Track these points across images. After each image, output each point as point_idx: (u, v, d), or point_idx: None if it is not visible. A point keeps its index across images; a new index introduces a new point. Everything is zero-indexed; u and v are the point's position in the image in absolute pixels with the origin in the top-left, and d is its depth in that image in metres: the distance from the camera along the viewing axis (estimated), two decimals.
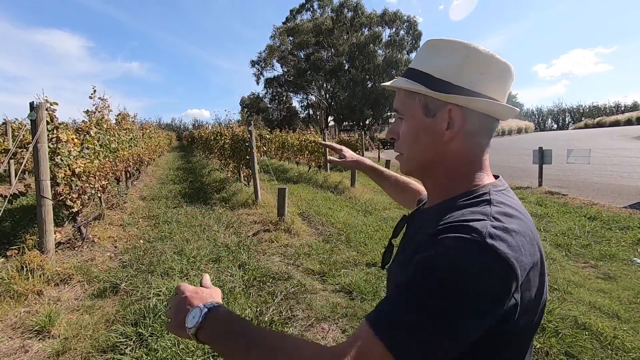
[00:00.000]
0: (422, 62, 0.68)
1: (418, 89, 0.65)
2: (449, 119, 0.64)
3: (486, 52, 0.64)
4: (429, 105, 0.66)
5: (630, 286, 3.23)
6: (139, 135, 8.90)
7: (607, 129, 35.91)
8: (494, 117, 0.66)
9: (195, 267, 3.63)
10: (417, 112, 0.67)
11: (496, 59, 0.64)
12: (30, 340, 2.36)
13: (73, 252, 3.79)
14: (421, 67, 0.68)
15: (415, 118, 0.68)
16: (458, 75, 0.64)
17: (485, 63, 0.64)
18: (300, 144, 12.20)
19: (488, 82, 0.64)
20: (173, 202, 6.96)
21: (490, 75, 0.64)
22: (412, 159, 0.71)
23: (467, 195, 0.64)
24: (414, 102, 0.68)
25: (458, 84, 0.63)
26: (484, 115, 0.65)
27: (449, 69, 0.64)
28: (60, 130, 3.73)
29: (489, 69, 0.64)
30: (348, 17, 37.10)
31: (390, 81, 0.72)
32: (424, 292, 0.51)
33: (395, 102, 0.72)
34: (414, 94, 0.68)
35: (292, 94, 44.10)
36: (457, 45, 0.64)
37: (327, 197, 7.70)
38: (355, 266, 3.74)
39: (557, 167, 8.60)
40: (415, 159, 0.70)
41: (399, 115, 0.71)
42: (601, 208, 5.95)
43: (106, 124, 5.51)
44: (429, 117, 0.66)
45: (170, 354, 2.20)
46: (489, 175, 0.68)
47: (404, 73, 0.71)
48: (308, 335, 2.45)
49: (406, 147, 0.71)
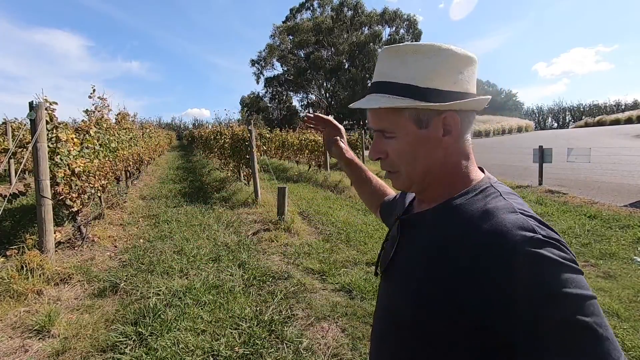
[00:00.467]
0: (394, 74, 0.64)
1: (409, 104, 0.62)
2: (444, 126, 0.63)
3: (458, 50, 0.63)
4: (421, 117, 0.63)
5: (630, 285, 3.23)
6: (139, 134, 8.90)
7: (607, 128, 35.87)
8: (474, 112, 0.68)
9: (195, 266, 3.63)
10: (410, 127, 0.64)
11: (466, 55, 0.64)
12: (30, 339, 2.36)
13: (73, 251, 3.79)
14: (396, 79, 0.64)
15: (410, 134, 0.64)
16: (442, 80, 0.62)
17: (460, 61, 0.63)
18: (300, 144, 12.20)
19: (466, 79, 0.64)
20: (173, 201, 6.96)
21: (467, 72, 0.64)
22: (413, 174, 0.67)
23: (473, 190, 0.64)
24: (403, 117, 0.64)
25: (446, 89, 0.62)
26: (470, 112, 0.66)
27: (431, 75, 0.62)
28: (59, 129, 3.72)
29: (465, 67, 0.64)
30: (348, 16, 37.07)
31: (361, 101, 0.67)
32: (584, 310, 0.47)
33: (377, 121, 0.67)
34: (401, 109, 0.64)
35: (292, 93, 44.11)
36: (428, 50, 0.62)
37: (327, 196, 7.70)
38: (355, 265, 3.74)
39: (558, 166, 8.59)
40: (417, 174, 0.67)
41: (387, 134, 0.66)
42: (601, 207, 5.94)
43: (106, 124, 5.51)
44: (423, 128, 0.64)
45: (170, 353, 2.21)
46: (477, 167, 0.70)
47: (374, 88, 0.67)
48: (308, 334, 2.45)
49: (404, 164, 0.67)
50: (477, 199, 0.62)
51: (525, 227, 0.53)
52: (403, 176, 0.69)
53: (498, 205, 0.59)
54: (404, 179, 0.69)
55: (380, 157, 0.69)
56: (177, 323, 2.52)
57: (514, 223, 0.54)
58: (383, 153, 0.68)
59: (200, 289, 3.06)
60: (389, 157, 0.68)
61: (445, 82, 0.62)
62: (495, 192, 0.62)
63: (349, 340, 2.39)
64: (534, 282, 0.49)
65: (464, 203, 0.63)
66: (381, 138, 0.68)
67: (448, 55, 0.62)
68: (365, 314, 2.70)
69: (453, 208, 0.63)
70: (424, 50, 0.62)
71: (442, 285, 0.57)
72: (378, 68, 0.68)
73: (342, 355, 2.25)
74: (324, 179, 9.55)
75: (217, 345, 2.29)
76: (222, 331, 2.46)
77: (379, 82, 0.66)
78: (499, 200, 0.60)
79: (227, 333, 2.44)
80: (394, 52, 0.65)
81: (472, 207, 0.61)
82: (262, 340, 2.37)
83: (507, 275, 0.50)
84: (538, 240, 0.51)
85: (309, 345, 2.33)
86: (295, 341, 2.36)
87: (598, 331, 0.46)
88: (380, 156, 0.69)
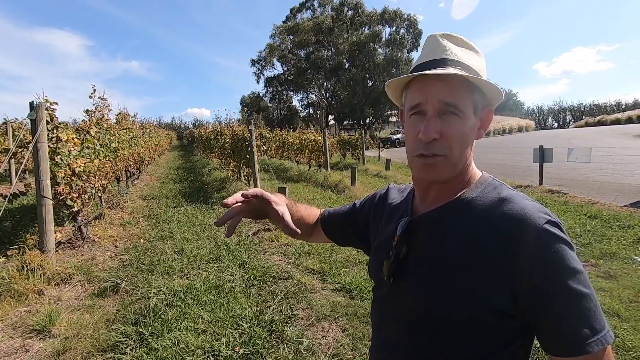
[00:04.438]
0: (463, 57, 0.65)
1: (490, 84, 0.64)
2: (482, 119, 0.68)
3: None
4: (478, 104, 0.66)
5: (630, 285, 3.22)
6: (139, 134, 8.90)
7: (608, 127, 35.82)
8: None
9: (196, 266, 3.63)
10: (471, 110, 0.64)
11: None
12: (31, 339, 2.36)
13: (73, 251, 3.79)
14: (467, 62, 0.65)
15: (470, 118, 0.64)
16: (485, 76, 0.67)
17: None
18: (300, 143, 12.20)
19: None
20: (173, 201, 6.97)
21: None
22: (459, 162, 0.66)
23: (482, 184, 0.69)
24: (471, 98, 0.64)
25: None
26: None
27: (483, 70, 0.67)
28: (60, 129, 3.73)
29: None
30: (348, 15, 37.01)
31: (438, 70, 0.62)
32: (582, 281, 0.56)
33: (449, 95, 0.62)
34: (472, 90, 0.63)
35: (293, 93, 44.05)
36: (477, 48, 0.69)
37: (328, 196, 7.70)
38: (356, 265, 3.73)
39: (558, 165, 8.58)
40: (461, 162, 0.66)
41: (454, 111, 0.62)
42: (602, 206, 5.94)
43: (106, 124, 5.52)
44: (476, 116, 0.66)
45: (171, 353, 2.21)
46: None
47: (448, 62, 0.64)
48: (308, 334, 2.45)
49: (457, 149, 0.64)
50: (488, 190, 0.67)
51: (543, 210, 0.60)
52: (450, 162, 0.65)
53: (511, 193, 0.64)
54: (450, 166, 0.65)
55: (436, 137, 0.63)
56: (178, 323, 2.52)
57: (534, 207, 0.60)
58: (439, 132, 0.63)
59: (201, 289, 3.06)
60: (443, 137, 0.63)
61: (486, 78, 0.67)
62: (500, 184, 0.68)
63: (349, 340, 2.39)
64: (554, 258, 0.56)
65: (479, 196, 0.66)
66: (437, 118, 0.63)
67: (484, 57, 0.70)
68: (365, 313, 2.70)
69: (470, 201, 0.66)
70: (477, 49, 0.69)
71: (478, 275, 0.59)
72: (442, 47, 0.66)
73: (343, 355, 2.25)
74: (324, 179, 9.55)
75: (217, 345, 2.29)
76: (222, 331, 2.46)
77: (450, 59, 0.64)
78: (509, 190, 0.66)
79: (228, 333, 2.44)
80: (459, 40, 0.69)
81: (489, 198, 0.65)
82: (263, 340, 2.37)
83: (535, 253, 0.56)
84: (553, 222, 0.58)
85: (309, 345, 2.33)
86: (296, 341, 2.36)
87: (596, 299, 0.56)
88: (437, 136, 0.63)
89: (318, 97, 41.76)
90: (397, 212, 0.80)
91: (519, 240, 0.57)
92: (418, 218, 0.72)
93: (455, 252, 0.63)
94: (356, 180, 8.60)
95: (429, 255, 0.67)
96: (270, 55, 40.51)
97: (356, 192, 7.93)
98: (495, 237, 0.59)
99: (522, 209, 0.59)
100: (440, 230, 0.67)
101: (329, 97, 40.47)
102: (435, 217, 0.69)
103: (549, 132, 43.75)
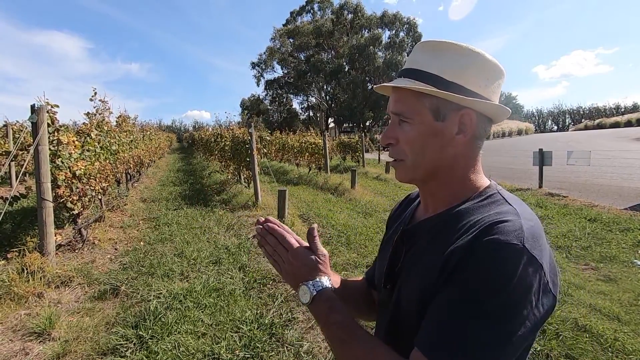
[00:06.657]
0: (425, 63, 0.65)
1: (433, 91, 0.62)
2: (459, 123, 0.64)
3: (490, 58, 0.65)
4: (440, 109, 0.63)
5: (630, 288, 3.22)
6: (140, 137, 8.92)
7: (607, 131, 35.89)
8: (491, 120, 0.68)
9: (196, 269, 3.63)
10: (427, 117, 0.64)
11: (497, 65, 0.65)
12: (31, 342, 2.36)
13: (73, 254, 3.79)
14: (427, 68, 0.64)
15: (425, 123, 0.64)
16: (469, 79, 0.63)
17: (490, 69, 0.65)
18: (300, 146, 12.21)
19: (492, 86, 0.65)
20: (173, 204, 6.96)
21: (494, 80, 0.66)
22: (418, 166, 0.66)
23: (479, 196, 0.65)
24: (423, 105, 0.64)
25: (470, 88, 0.63)
26: (487, 119, 0.67)
27: (459, 72, 0.63)
28: (61, 132, 3.74)
29: (492, 74, 0.65)
30: (348, 19, 37.14)
31: (387, 83, 0.68)
32: (481, 304, 0.52)
33: (396, 104, 0.66)
34: (422, 97, 0.63)
35: (293, 96, 44.09)
36: (463, 50, 0.64)
37: (328, 198, 7.70)
38: (356, 268, 3.73)
39: (558, 168, 8.59)
40: (422, 166, 0.66)
41: (403, 118, 0.66)
42: (601, 210, 5.94)
43: (107, 126, 5.53)
44: (439, 121, 0.64)
45: (171, 356, 2.20)
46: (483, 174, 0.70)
47: (404, 73, 0.67)
48: (308, 338, 2.45)
49: (412, 154, 0.66)
50: (483, 204, 0.63)
51: (523, 236, 0.54)
52: (407, 165, 0.67)
53: (506, 210, 0.60)
54: (408, 169, 0.68)
55: (391, 142, 0.68)
56: (178, 326, 2.52)
57: (518, 228, 0.55)
58: (394, 139, 0.68)
59: (201, 291, 3.06)
60: (399, 143, 0.67)
61: (471, 82, 0.64)
62: (501, 199, 0.63)
63: None
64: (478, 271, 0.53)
65: (471, 208, 0.63)
66: (395, 124, 0.68)
67: (479, 59, 0.64)
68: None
69: (457, 214, 0.64)
70: (458, 48, 0.64)
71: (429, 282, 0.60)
72: (411, 57, 0.68)
73: None
74: (324, 182, 9.55)
75: (217, 349, 2.28)
76: (222, 334, 2.46)
77: (408, 69, 0.67)
78: (508, 206, 0.61)
79: (228, 336, 2.44)
80: (430, 45, 0.66)
81: (481, 212, 0.61)
82: (263, 343, 2.37)
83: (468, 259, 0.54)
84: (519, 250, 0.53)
85: (309, 348, 2.33)
86: (296, 344, 2.36)
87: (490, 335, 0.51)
88: (391, 142, 0.68)
89: (318, 100, 41.83)
90: (399, 220, 0.83)
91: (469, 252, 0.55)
92: (412, 227, 0.73)
93: (426, 265, 0.63)
94: (356, 182, 8.60)
95: (412, 262, 0.68)
96: (270, 58, 40.61)
97: (356, 194, 7.93)
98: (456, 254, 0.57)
99: (503, 226, 0.55)
100: (425, 240, 0.67)
101: (329, 100, 40.54)
102: (426, 226, 0.69)
103: (549, 135, 43.80)
